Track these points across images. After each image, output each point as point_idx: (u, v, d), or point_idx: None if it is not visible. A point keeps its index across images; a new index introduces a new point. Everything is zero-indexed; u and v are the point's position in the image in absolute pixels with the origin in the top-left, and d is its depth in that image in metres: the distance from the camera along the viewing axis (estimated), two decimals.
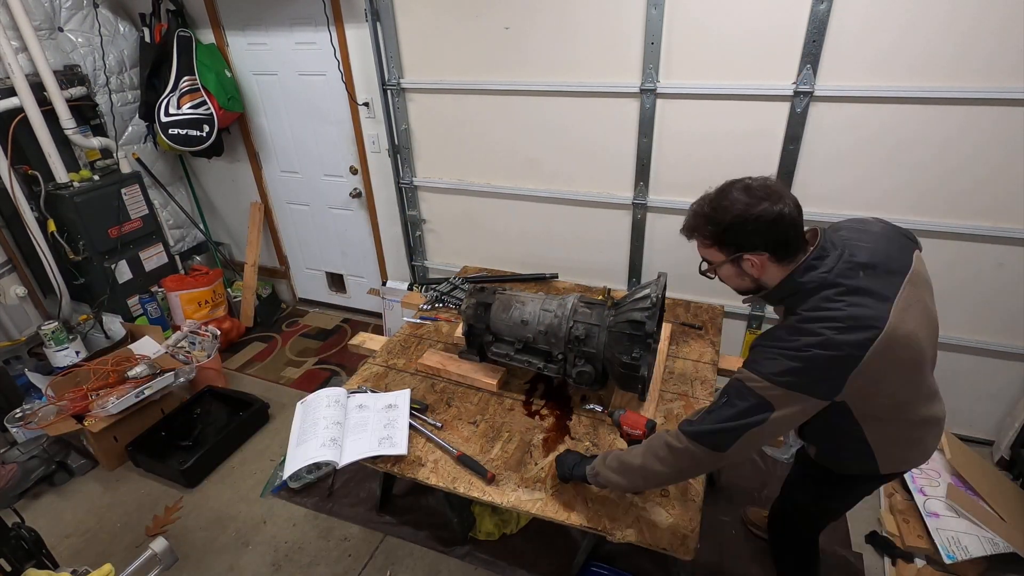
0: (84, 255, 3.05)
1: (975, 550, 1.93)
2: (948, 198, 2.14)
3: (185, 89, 3.02)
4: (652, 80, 2.29)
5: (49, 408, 2.56)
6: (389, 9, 2.57)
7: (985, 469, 2.25)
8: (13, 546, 1.76)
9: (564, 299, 1.90)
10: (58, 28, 2.95)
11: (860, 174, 2.21)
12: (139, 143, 3.43)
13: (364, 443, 1.76)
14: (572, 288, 2.66)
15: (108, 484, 2.58)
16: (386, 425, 1.82)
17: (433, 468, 1.69)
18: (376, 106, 2.93)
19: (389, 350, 2.27)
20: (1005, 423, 2.44)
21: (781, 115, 2.19)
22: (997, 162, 2.03)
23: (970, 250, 2.20)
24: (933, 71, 1.97)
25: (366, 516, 2.34)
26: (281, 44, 3.03)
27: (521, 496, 1.59)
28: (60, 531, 2.36)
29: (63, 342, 2.97)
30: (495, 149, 2.77)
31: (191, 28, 3.10)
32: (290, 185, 3.55)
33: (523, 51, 2.46)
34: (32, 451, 2.52)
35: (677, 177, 2.48)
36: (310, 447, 1.75)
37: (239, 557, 2.23)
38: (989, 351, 2.35)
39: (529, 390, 2.00)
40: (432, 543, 2.21)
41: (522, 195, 2.82)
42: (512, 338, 1.94)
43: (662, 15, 2.17)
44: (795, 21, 2.03)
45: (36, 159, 2.92)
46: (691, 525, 1.47)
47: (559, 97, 2.52)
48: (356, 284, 3.75)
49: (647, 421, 1.49)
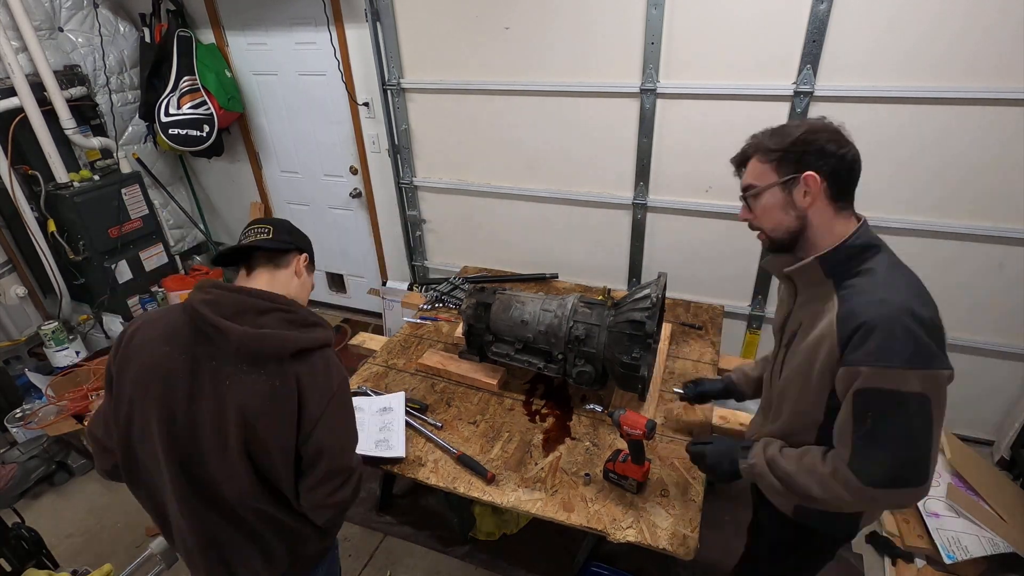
0: (84, 255, 3.05)
1: (975, 550, 1.93)
2: (948, 198, 2.14)
3: (185, 89, 3.02)
4: (652, 80, 2.29)
5: (49, 408, 2.56)
6: (389, 9, 2.57)
7: (985, 469, 2.25)
8: (13, 546, 1.76)
9: (564, 299, 1.90)
10: (58, 28, 2.95)
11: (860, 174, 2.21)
12: (139, 143, 3.43)
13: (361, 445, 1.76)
14: (572, 288, 2.66)
15: (108, 484, 2.57)
16: (381, 428, 1.81)
17: (433, 468, 1.69)
18: (376, 106, 2.93)
19: (389, 350, 2.27)
20: (1005, 423, 2.44)
21: (781, 115, 2.19)
22: (997, 162, 2.03)
23: (970, 250, 2.20)
24: (933, 71, 1.97)
25: (366, 516, 2.34)
26: (281, 44, 3.04)
27: (521, 496, 1.59)
28: (60, 531, 2.36)
29: (63, 342, 2.97)
30: (495, 149, 2.77)
31: (191, 28, 3.10)
32: (290, 185, 3.55)
33: (523, 51, 2.46)
34: (32, 451, 2.52)
35: (677, 177, 2.48)
36: None
37: None
38: (989, 351, 2.35)
39: (529, 390, 2.00)
40: (432, 543, 2.21)
41: (522, 195, 2.82)
42: (512, 338, 1.94)
43: (662, 15, 2.17)
44: (795, 21, 2.03)
45: (36, 159, 2.92)
46: (691, 525, 1.47)
47: (559, 97, 2.52)
48: (356, 284, 3.75)
49: (647, 421, 1.49)
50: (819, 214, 1.07)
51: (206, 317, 1.05)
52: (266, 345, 1.06)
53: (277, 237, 1.21)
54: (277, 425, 1.07)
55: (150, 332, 1.11)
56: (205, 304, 1.07)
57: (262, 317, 1.09)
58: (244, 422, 1.05)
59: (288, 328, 1.09)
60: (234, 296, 1.09)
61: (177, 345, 1.08)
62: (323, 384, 1.09)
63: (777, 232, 1.13)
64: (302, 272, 1.26)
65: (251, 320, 1.07)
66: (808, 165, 1.05)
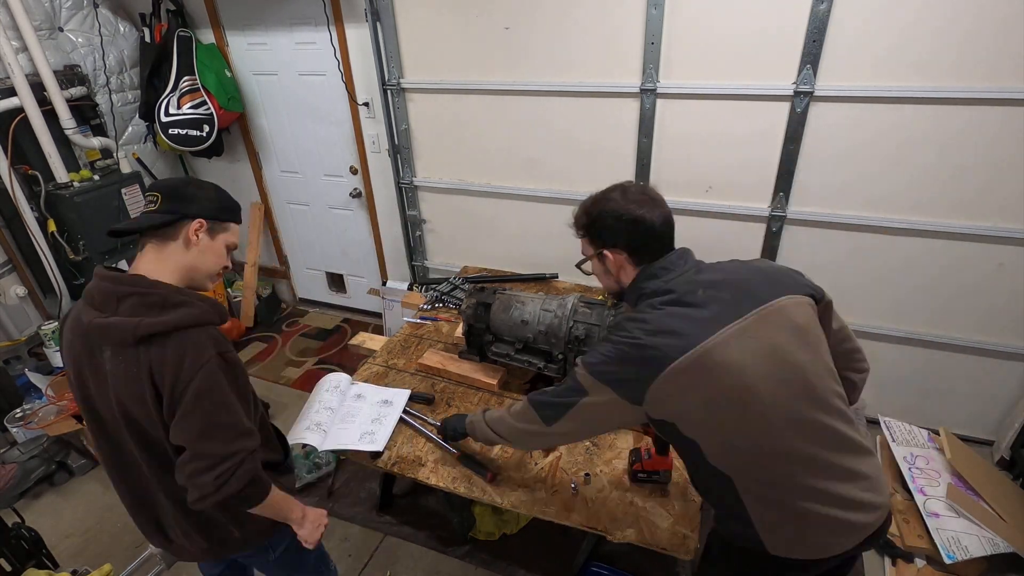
0: (84, 255, 3.05)
1: (975, 550, 1.92)
2: (948, 198, 2.14)
3: (185, 89, 3.02)
4: (652, 80, 2.29)
5: (49, 408, 2.56)
6: (389, 9, 2.57)
7: (985, 469, 2.24)
8: (13, 546, 1.76)
9: (564, 299, 1.90)
10: (58, 28, 2.95)
11: (860, 174, 2.21)
12: (139, 143, 3.43)
13: (347, 435, 1.79)
14: (572, 288, 2.66)
15: (108, 484, 2.55)
16: (374, 420, 1.84)
17: (433, 468, 1.69)
18: (376, 106, 2.93)
19: (389, 350, 2.27)
20: (1005, 423, 2.44)
21: (781, 115, 2.19)
22: (998, 162, 2.03)
23: (970, 250, 2.20)
24: (934, 71, 1.97)
25: (366, 516, 2.34)
26: (281, 44, 3.03)
27: (521, 496, 1.59)
28: (60, 531, 2.36)
29: None
30: (495, 149, 2.76)
31: (191, 28, 3.10)
32: (290, 185, 3.55)
33: (523, 51, 2.46)
34: (32, 451, 2.52)
35: (677, 177, 2.48)
36: (299, 427, 1.80)
37: None
38: (989, 351, 2.34)
39: (529, 390, 2.00)
40: (432, 543, 2.21)
41: (522, 195, 2.82)
42: (512, 338, 1.94)
43: (662, 15, 2.17)
44: (795, 21, 2.03)
45: (36, 159, 2.92)
46: (691, 525, 1.47)
47: (559, 97, 2.52)
48: (356, 284, 3.75)
49: None
50: (627, 275, 1.23)
51: (77, 308, 1.14)
52: (111, 333, 1.07)
53: (162, 207, 1.16)
54: (140, 408, 1.10)
55: (69, 319, 1.18)
56: (84, 295, 1.14)
57: (122, 304, 1.09)
58: (120, 402, 1.11)
59: (142, 313, 1.07)
60: (102, 284, 1.12)
61: (77, 334, 1.14)
62: (173, 372, 1.06)
63: (609, 290, 1.31)
64: (197, 240, 1.18)
65: (112, 308, 1.09)
66: (606, 241, 1.22)
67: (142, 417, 1.12)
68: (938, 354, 2.42)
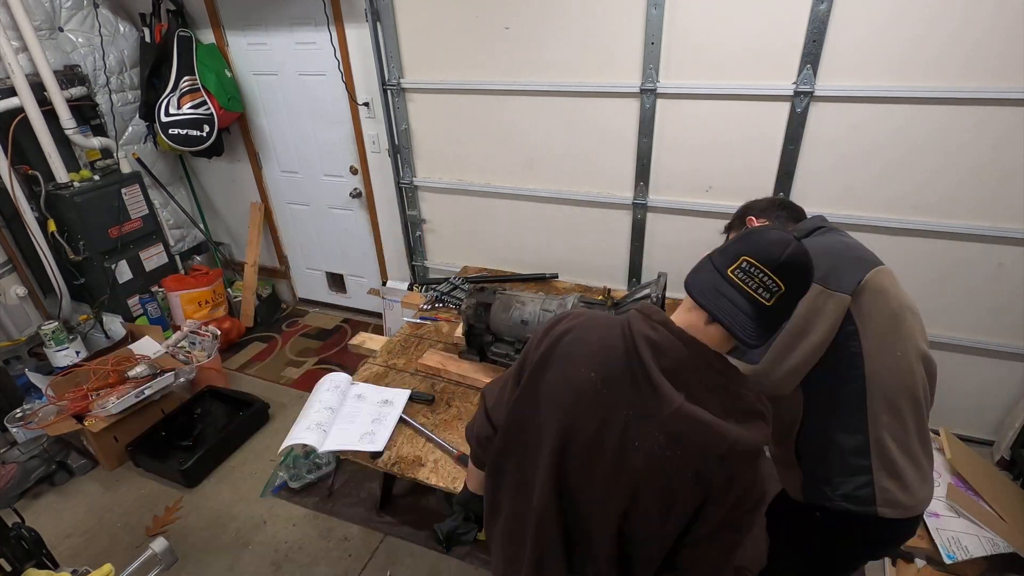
0: (84, 255, 3.05)
1: (975, 550, 1.93)
2: (948, 197, 2.14)
3: (185, 89, 3.02)
4: (652, 80, 2.29)
5: (49, 408, 2.56)
6: (389, 9, 2.57)
7: (985, 469, 2.25)
8: (13, 546, 1.76)
9: (564, 299, 1.90)
10: (58, 28, 2.95)
11: (860, 174, 2.21)
12: (139, 143, 3.43)
13: (347, 435, 1.79)
14: (572, 288, 2.66)
15: (108, 484, 2.58)
16: (374, 420, 1.84)
17: (433, 468, 1.69)
18: (376, 106, 2.93)
19: (389, 350, 2.27)
20: (1005, 423, 2.44)
21: (781, 115, 2.19)
22: (997, 162, 2.03)
23: (970, 250, 2.20)
24: (934, 71, 1.97)
25: (366, 516, 2.34)
26: (281, 44, 3.03)
27: None
28: (60, 531, 2.36)
29: (63, 342, 2.97)
30: (495, 149, 2.76)
31: (191, 28, 3.10)
32: (290, 185, 3.55)
33: (523, 51, 2.46)
34: (32, 451, 2.52)
35: (677, 177, 2.48)
36: (298, 428, 1.79)
37: (239, 557, 2.23)
38: (989, 351, 2.34)
39: None
40: (432, 543, 2.21)
41: (522, 195, 2.82)
42: (512, 338, 1.94)
43: (662, 15, 2.17)
44: (795, 21, 2.03)
45: (36, 159, 2.92)
46: None
47: (559, 97, 2.51)
48: (356, 284, 3.75)
49: None
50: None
51: (646, 365, 0.87)
52: (692, 435, 0.85)
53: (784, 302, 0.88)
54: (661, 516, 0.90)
55: (581, 346, 0.96)
56: (647, 343, 0.88)
57: (710, 393, 0.87)
58: (634, 494, 0.90)
59: (726, 416, 0.86)
60: (681, 347, 0.87)
61: (603, 377, 0.92)
62: (735, 498, 0.88)
63: None
64: None
65: (695, 390, 0.86)
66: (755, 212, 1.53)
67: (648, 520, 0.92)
68: (938, 354, 2.38)
